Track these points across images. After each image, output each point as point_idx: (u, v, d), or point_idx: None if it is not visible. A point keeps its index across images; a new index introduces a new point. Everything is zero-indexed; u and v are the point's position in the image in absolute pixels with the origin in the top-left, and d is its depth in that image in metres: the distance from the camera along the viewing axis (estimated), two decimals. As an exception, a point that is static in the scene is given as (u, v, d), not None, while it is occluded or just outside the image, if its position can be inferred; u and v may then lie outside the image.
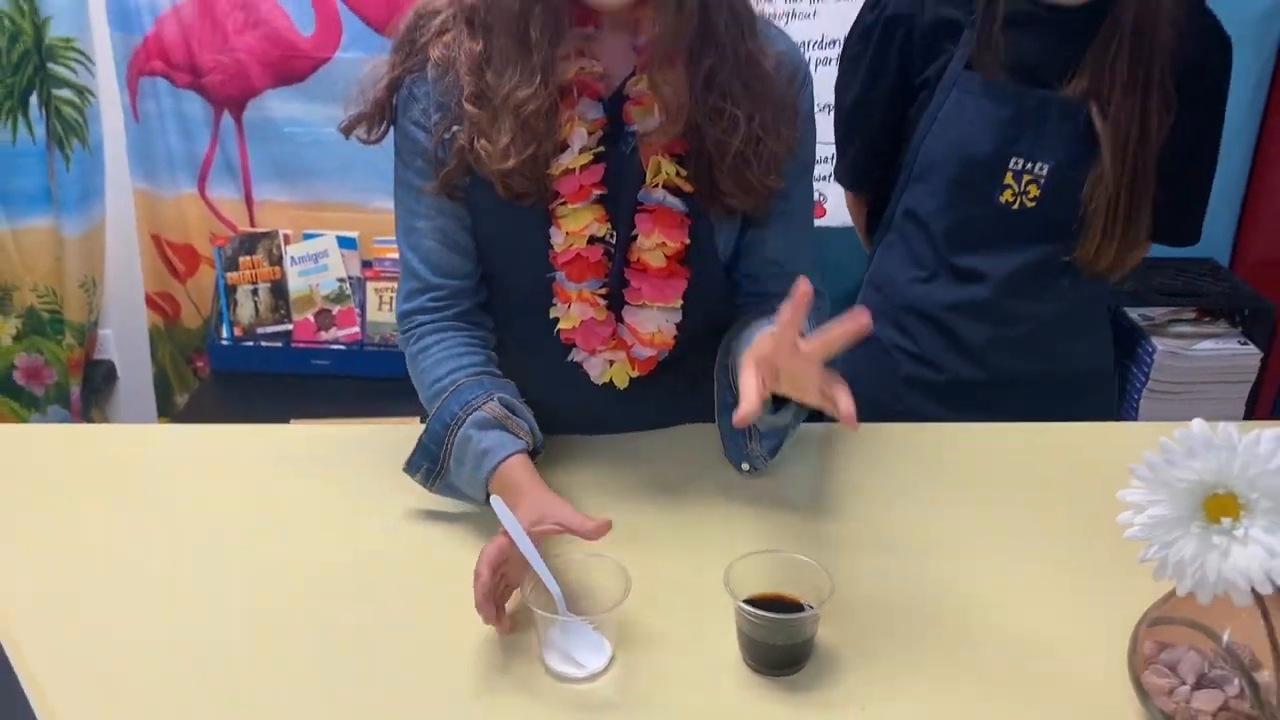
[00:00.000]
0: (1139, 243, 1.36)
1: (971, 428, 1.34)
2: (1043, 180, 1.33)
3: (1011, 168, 1.34)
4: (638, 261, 1.17)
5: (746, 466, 1.19)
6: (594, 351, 1.21)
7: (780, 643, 0.91)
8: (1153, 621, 0.88)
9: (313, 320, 2.51)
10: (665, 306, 1.18)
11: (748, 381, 0.95)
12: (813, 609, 0.91)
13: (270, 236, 2.51)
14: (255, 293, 2.51)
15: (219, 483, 1.23)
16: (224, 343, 2.52)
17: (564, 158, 1.11)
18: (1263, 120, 2.51)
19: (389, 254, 2.50)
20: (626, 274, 1.17)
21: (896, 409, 1.46)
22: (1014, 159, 1.33)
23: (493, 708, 0.90)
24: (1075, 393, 1.45)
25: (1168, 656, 0.88)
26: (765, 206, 1.17)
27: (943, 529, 1.13)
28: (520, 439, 1.10)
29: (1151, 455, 0.75)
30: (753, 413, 0.92)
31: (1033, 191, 1.34)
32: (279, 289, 2.51)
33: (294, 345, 2.51)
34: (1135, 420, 2.35)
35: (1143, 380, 2.40)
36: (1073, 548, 1.08)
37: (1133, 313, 2.50)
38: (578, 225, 1.13)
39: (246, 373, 2.50)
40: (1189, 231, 1.43)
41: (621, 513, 1.13)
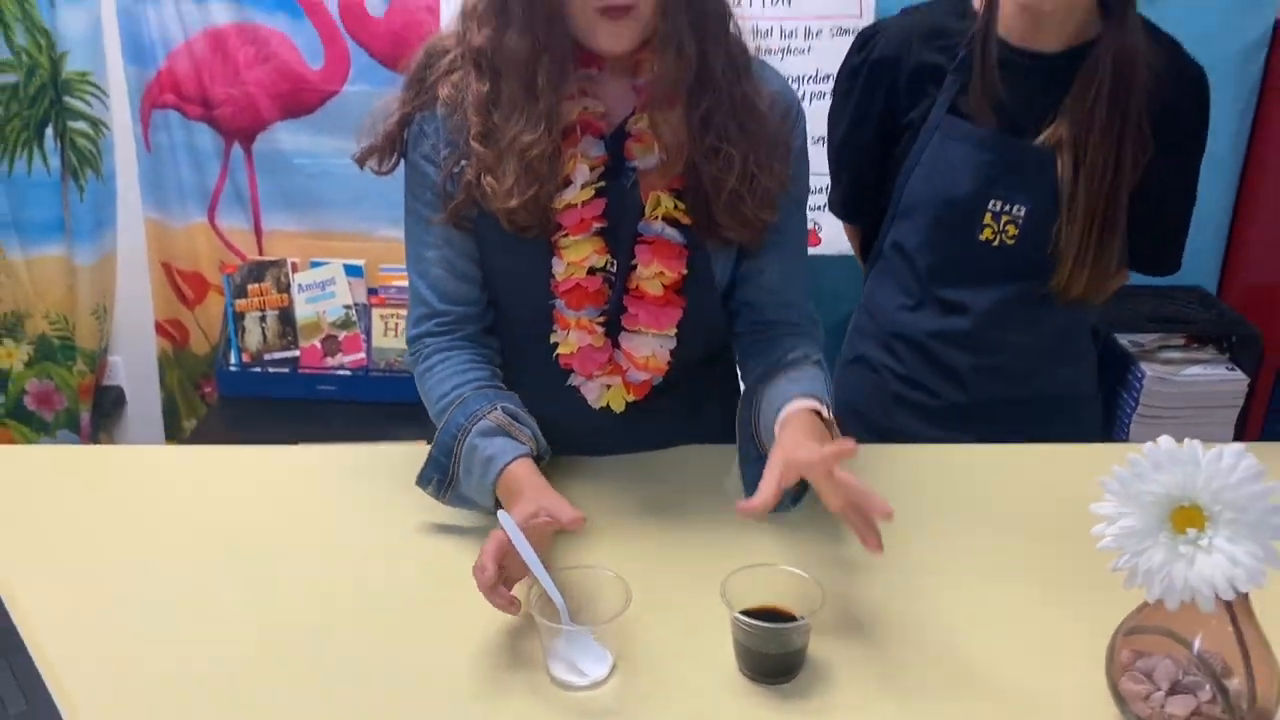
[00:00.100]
0: (1111, 272, 1.41)
1: (957, 449, 1.39)
2: (1020, 221, 1.38)
3: (990, 209, 1.39)
4: (636, 289, 1.21)
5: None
6: (591, 376, 1.26)
7: (774, 651, 0.95)
8: (1129, 631, 0.93)
9: (319, 346, 2.56)
10: (660, 333, 1.23)
11: (769, 483, 0.99)
12: (804, 619, 0.95)
13: (278, 265, 2.57)
14: (263, 320, 2.56)
15: (232, 500, 1.27)
16: (232, 369, 2.56)
17: (567, 193, 1.16)
18: (1247, 153, 2.57)
19: (395, 281, 2.55)
20: (625, 301, 1.22)
21: (887, 425, 1.52)
22: (993, 200, 1.39)
23: (499, 715, 0.94)
24: (1060, 415, 1.49)
25: (1144, 664, 0.92)
26: (760, 239, 1.22)
27: (930, 546, 1.18)
28: (523, 444, 1.15)
29: (1121, 470, 0.80)
30: (762, 510, 0.98)
31: (1011, 231, 1.39)
32: (286, 316, 2.56)
33: (300, 371, 2.56)
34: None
35: (1133, 405, 2.44)
36: (1053, 563, 1.12)
37: (1123, 339, 2.54)
38: (579, 256, 1.18)
39: (254, 398, 2.54)
40: (1169, 263, 1.48)
41: (621, 529, 1.19)
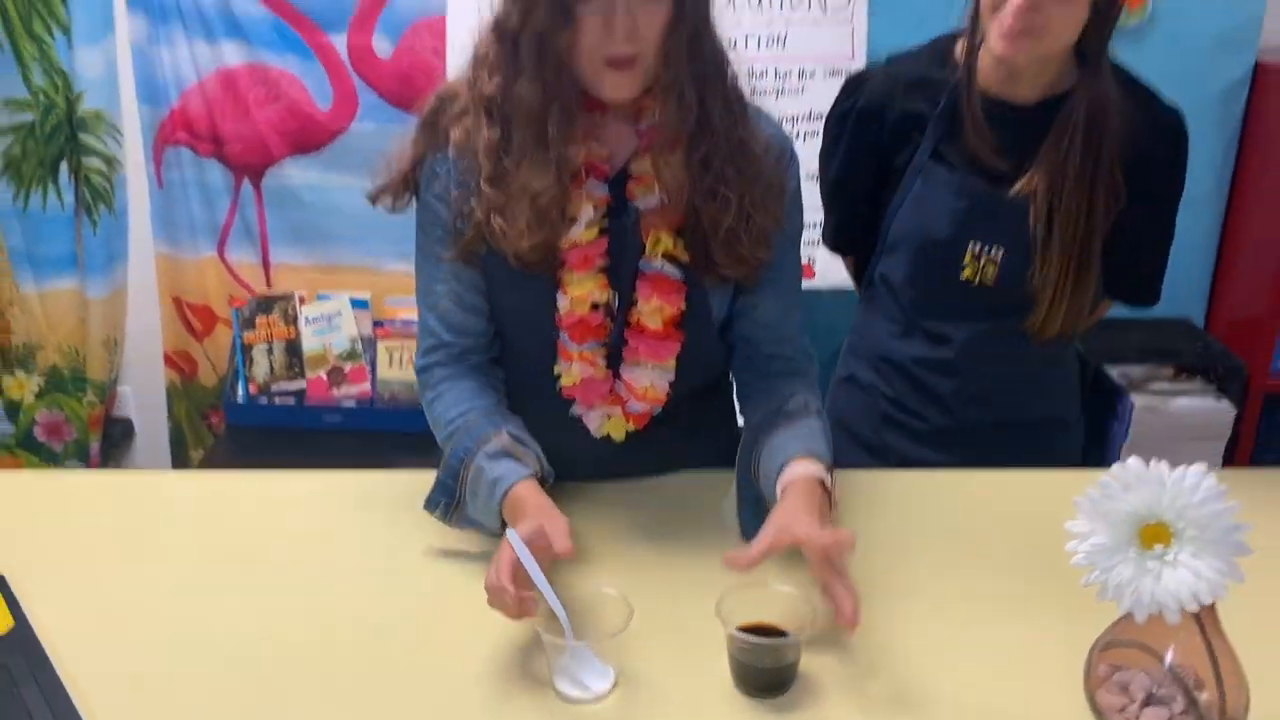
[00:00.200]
0: (1086, 314, 1.46)
1: (943, 474, 1.44)
2: (999, 262, 1.44)
3: (971, 250, 1.45)
4: (637, 324, 1.26)
5: None
6: (592, 406, 1.31)
7: (767, 666, 1.00)
8: (1105, 645, 0.97)
9: (325, 378, 2.61)
10: (659, 366, 1.28)
11: (761, 546, 1.04)
12: (795, 635, 1.00)
13: (286, 298, 2.62)
14: (270, 351, 2.62)
15: (241, 523, 1.32)
16: (239, 400, 2.61)
17: (572, 232, 1.21)
18: (1230, 190, 2.64)
19: (400, 314, 2.61)
20: (626, 335, 1.27)
21: (876, 443, 1.58)
22: (972, 242, 1.44)
23: (505, 727, 0.99)
24: (1043, 439, 1.55)
25: (1120, 678, 0.97)
26: (756, 276, 1.27)
27: (915, 567, 1.23)
28: (528, 466, 1.19)
29: (1092, 490, 0.85)
30: (748, 566, 1.03)
31: (990, 270, 1.45)
32: (293, 348, 2.61)
33: (306, 402, 2.60)
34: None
35: (1123, 435, 2.49)
36: (1037, 584, 1.17)
37: (1112, 371, 2.59)
38: (582, 291, 1.24)
39: (260, 428, 2.59)
40: (1148, 296, 1.54)
41: (621, 552, 1.24)
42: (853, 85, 1.53)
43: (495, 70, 1.16)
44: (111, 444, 2.81)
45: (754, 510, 1.25)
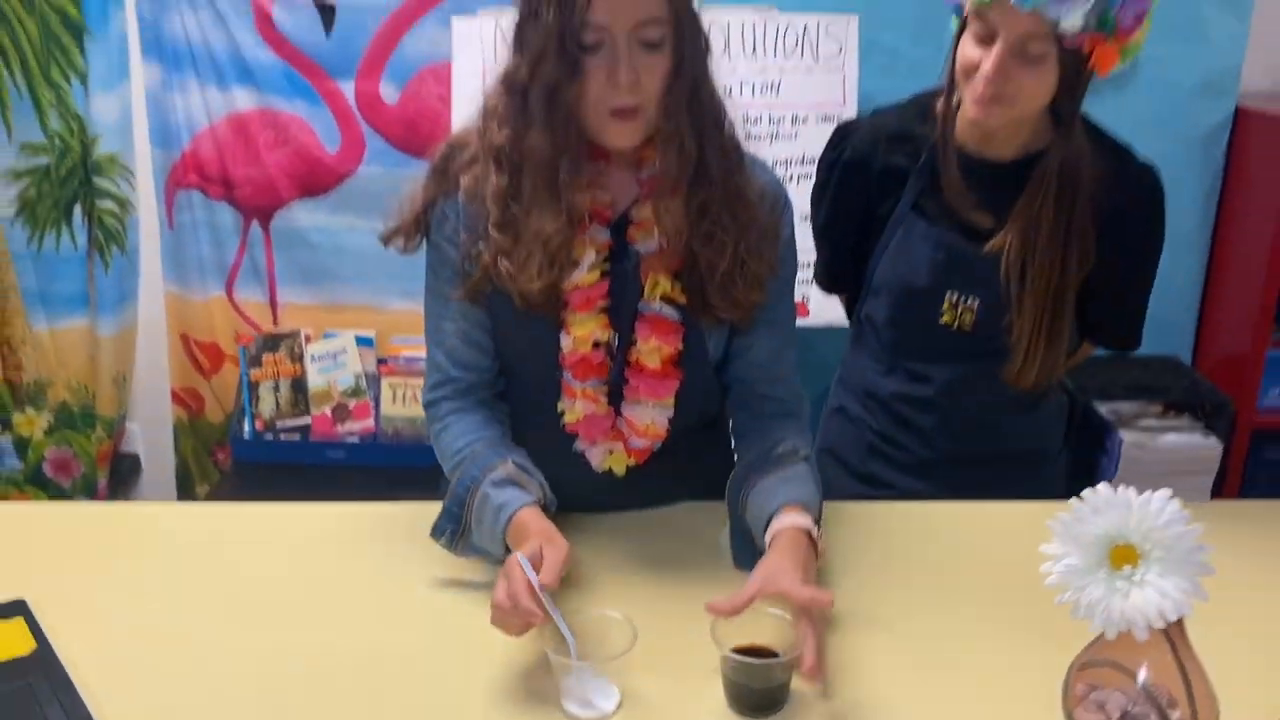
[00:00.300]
0: (1060, 366, 1.50)
1: (928, 506, 1.49)
2: (976, 311, 1.49)
3: (948, 298, 1.50)
4: (636, 363, 1.32)
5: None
6: (594, 442, 1.36)
7: (759, 686, 1.04)
8: (1082, 665, 1.02)
9: (330, 414, 2.66)
10: (659, 403, 1.33)
11: (744, 595, 1.09)
12: (786, 656, 1.05)
13: (292, 336, 2.68)
14: (276, 388, 2.67)
15: (250, 553, 1.37)
16: (245, 436, 2.66)
17: (575, 275, 1.27)
18: (1214, 231, 2.71)
19: (404, 352, 2.67)
20: (626, 374, 1.32)
21: (864, 472, 1.63)
22: (950, 292, 1.50)
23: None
24: (1025, 470, 1.60)
25: (1097, 696, 1.01)
26: (750, 318, 1.33)
27: (900, 593, 1.28)
28: (532, 493, 1.24)
29: (1064, 514, 0.90)
30: (730, 613, 1.07)
31: (968, 317, 1.50)
32: (299, 385, 2.67)
33: (311, 438, 2.65)
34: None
35: (1112, 471, 2.54)
36: (1020, 610, 1.21)
37: (1101, 407, 2.65)
38: (584, 331, 1.29)
39: (266, 464, 2.63)
40: (1129, 341, 1.60)
41: (623, 580, 1.28)
42: (839, 136, 1.59)
43: (504, 121, 1.22)
44: (119, 480, 2.86)
45: (742, 540, 1.31)
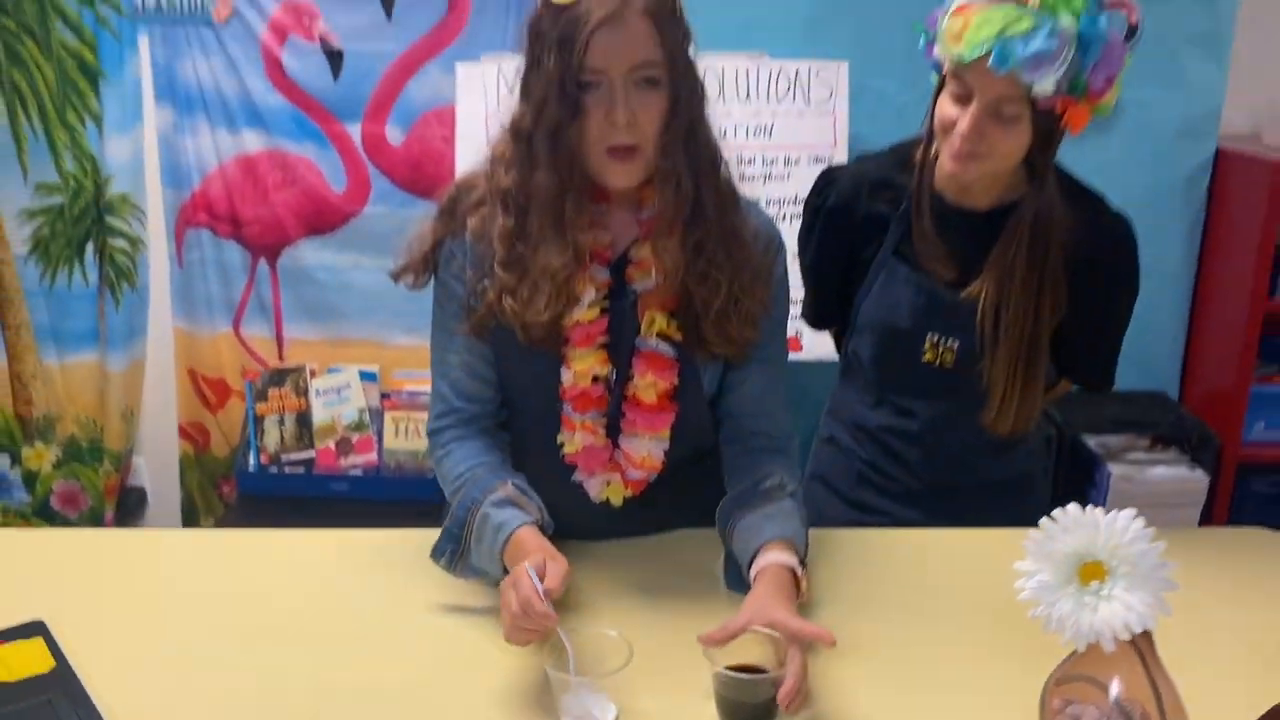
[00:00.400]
0: (1035, 410, 1.55)
1: (911, 532, 1.55)
2: (956, 351, 1.54)
3: (929, 339, 1.55)
4: (633, 397, 1.37)
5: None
6: (593, 472, 1.40)
7: (748, 700, 1.09)
8: (1058, 681, 1.06)
9: (333, 448, 2.71)
10: (655, 436, 1.38)
11: (734, 626, 1.14)
12: (774, 673, 1.09)
13: (297, 371, 2.74)
14: (282, 422, 2.72)
15: (259, 577, 1.41)
16: (251, 469, 2.71)
17: (576, 311, 1.32)
18: (1198, 268, 2.78)
19: (406, 386, 2.73)
20: (624, 407, 1.37)
21: (854, 499, 1.68)
22: (930, 333, 1.55)
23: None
24: (1009, 497, 1.64)
25: (1073, 710, 1.05)
26: (743, 354, 1.38)
27: (887, 613, 1.33)
28: (531, 515, 1.28)
29: (1035, 532, 0.96)
30: (722, 643, 1.12)
31: (949, 358, 1.55)
32: (304, 419, 2.72)
33: (315, 471, 2.70)
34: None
35: (1100, 503, 2.56)
36: (1004, 633, 1.25)
37: (1090, 441, 2.70)
38: (584, 366, 1.34)
39: (270, 496, 2.68)
40: (1102, 382, 1.65)
41: (620, 602, 1.33)
42: (823, 183, 1.65)
43: (511, 166, 1.29)
44: (125, 512, 2.90)
45: (734, 564, 1.36)
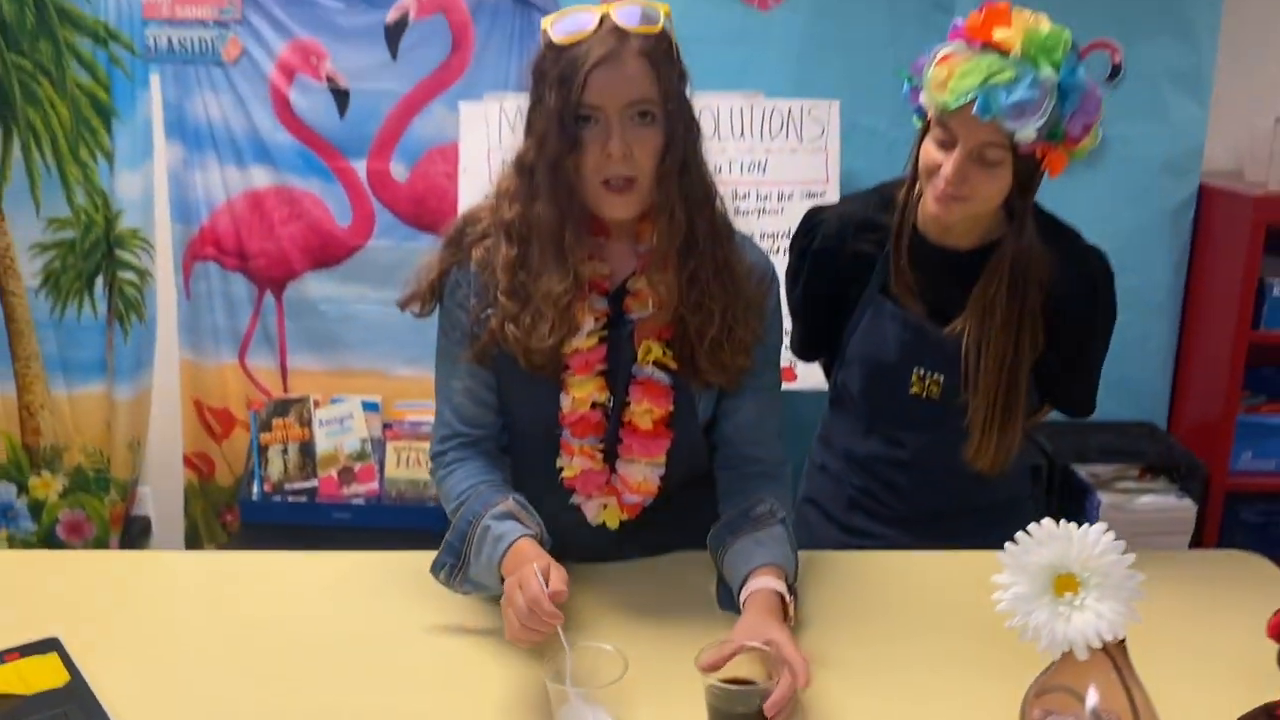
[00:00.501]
0: (1015, 446, 1.59)
1: (901, 555, 1.59)
2: (942, 384, 1.59)
3: (916, 373, 1.60)
4: (630, 423, 1.41)
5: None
6: (590, 496, 1.45)
7: (739, 712, 1.13)
8: (1038, 692, 1.10)
9: (336, 477, 2.76)
10: (651, 461, 1.43)
11: (727, 650, 1.17)
12: (763, 684, 1.13)
13: (301, 401, 2.79)
14: (285, 452, 2.77)
15: (264, 596, 1.46)
16: (254, 497, 2.75)
17: (575, 339, 1.37)
18: (1185, 301, 2.84)
19: (408, 416, 2.78)
20: (621, 433, 1.42)
21: (847, 523, 1.73)
22: (917, 367, 1.60)
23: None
24: (997, 519, 1.67)
25: (1052, 720, 1.10)
26: (737, 382, 1.43)
27: (877, 632, 1.37)
28: (531, 528, 1.32)
29: (1012, 545, 1.00)
30: (714, 668, 1.15)
31: (935, 390, 1.60)
32: (307, 448, 2.77)
33: (318, 500, 2.74)
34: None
35: (1091, 531, 2.63)
36: (984, 646, 1.29)
37: (1081, 470, 2.75)
38: (583, 393, 1.39)
39: (273, 525, 2.72)
40: (1083, 408, 1.70)
41: (616, 621, 1.38)
42: (809, 224, 1.70)
43: (515, 199, 1.34)
44: (130, 541, 2.94)
45: (727, 586, 1.40)
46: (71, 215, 2.75)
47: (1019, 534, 1.01)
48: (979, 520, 1.66)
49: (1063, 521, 0.99)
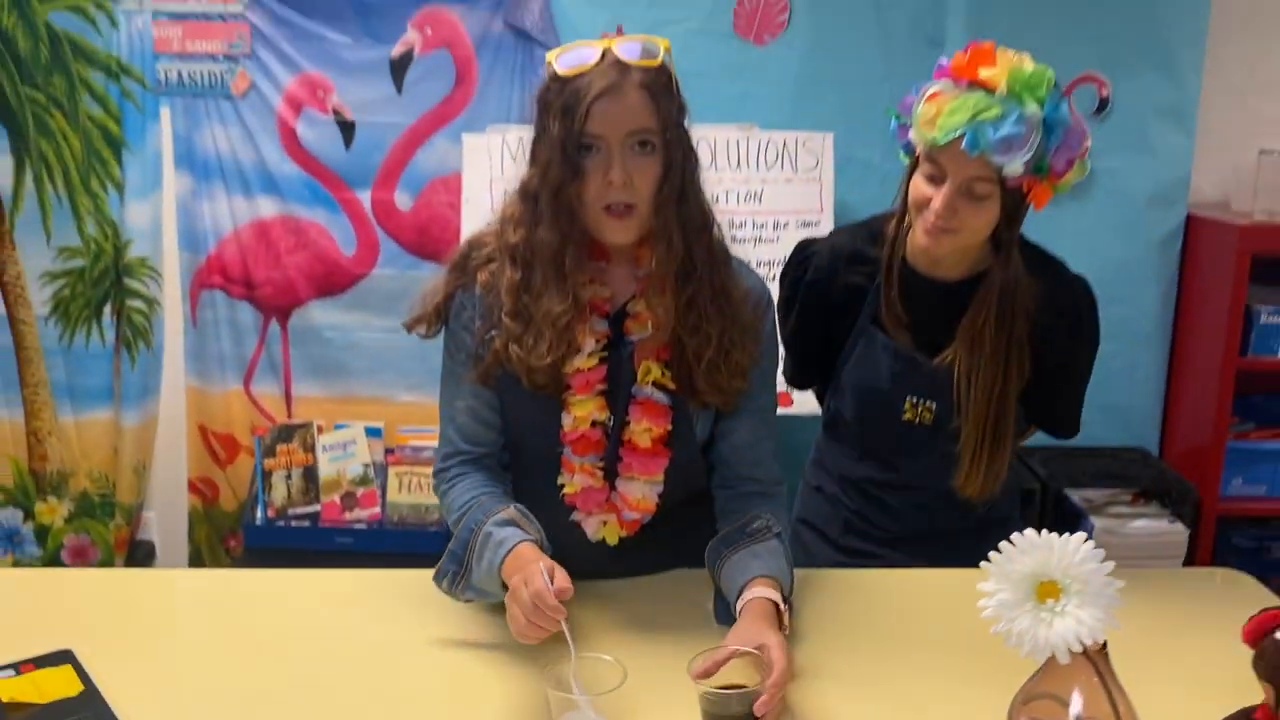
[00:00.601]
0: (1003, 473, 1.63)
1: (894, 572, 1.63)
2: (934, 411, 1.63)
3: (908, 400, 1.64)
4: (629, 442, 1.45)
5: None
6: (591, 513, 1.48)
7: (732, 713, 1.16)
8: (1025, 699, 1.14)
9: (339, 502, 2.79)
10: (650, 479, 1.46)
11: (720, 656, 1.22)
12: (753, 688, 1.16)
13: (305, 427, 2.83)
14: (289, 477, 2.80)
15: (270, 611, 1.49)
16: (258, 522, 2.78)
17: (577, 360, 1.41)
18: (1174, 329, 2.89)
19: (410, 442, 2.82)
20: (620, 451, 1.46)
21: (841, 543, 1.76)
22: (909, 396, 1.64)
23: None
24: (986, 537, 1.71)
25: (1038, 727, 1.13)
26: (733, 403, 1.47)
27: (871, 645, 1.40)
28: (532, 535, 1.36)
29: (996, 554, 1.05)
30: (708, 675, 1.19)
31: (927, 416, 1.64)
32: (310, 473, 2.80)
33: (321, 525, 2.78)
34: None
35: (1085, 556, 2.66)
36: (974, 658, 1.33)
37: (1074, 495, 2.79)
38: (584, 412, 1.43)
39: (277, 549, 2.75)
40: (1068, 429, 1.74)
41: (617, 636, 1.41)
42: (801, 256, 1.74)
43: (520, 224, 1.39)
44: (134, 566, 2.96)
45: (723, 601, 1.43)
46: (81, 244, 2.80)
47: (1003, 543, 1.05)
48: (972, 539, 1.69)
49: (1044, 531, 1.03)
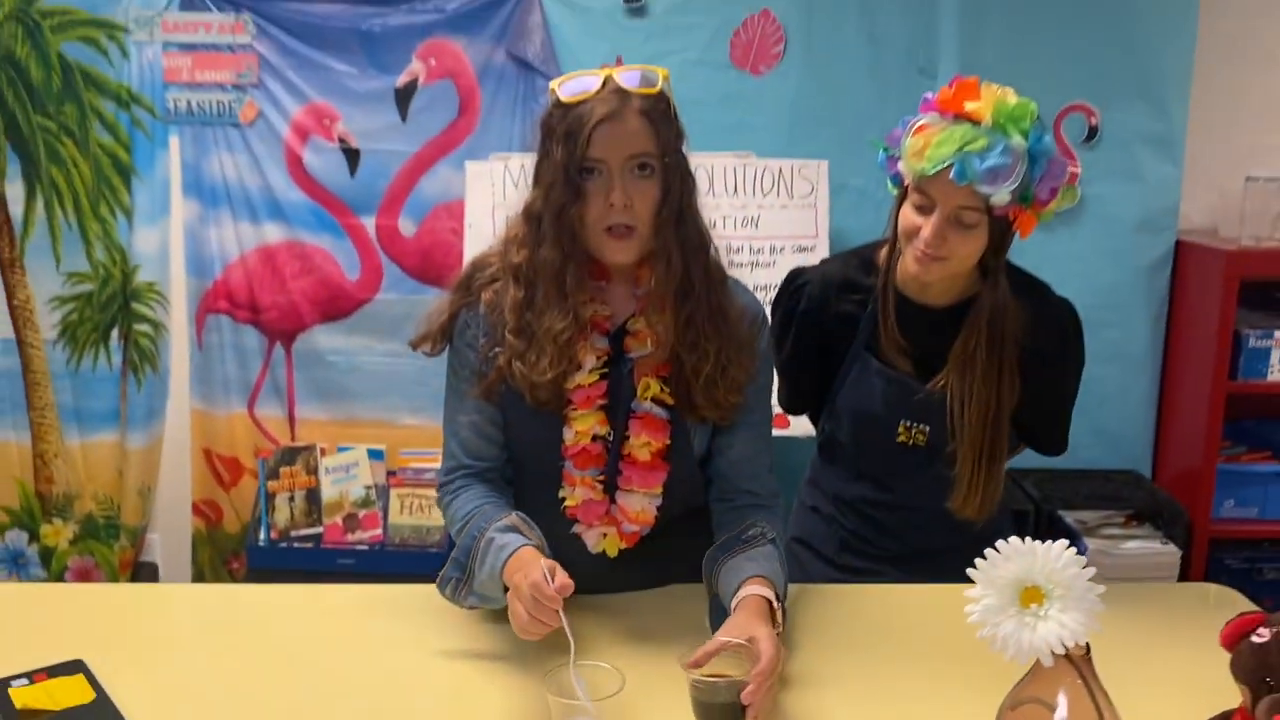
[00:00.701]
0: (997, 494, 1.67)
1: (889, 588, 1.66)
2: (928, 434, 1.67)
3: (902, 424, 1.68)
4: (629, 455, 1.49)
5: None
6: (591, 525, 1.51)
7: (720, 701, 1.20)
8: (1012, 704, 1.17)
9: (341, 523, 2.82)
10: (649, 492, 1.50)
11: (711, 646, 1.25)
12: (741, 678, 1.19)
13: (308, 449, 2.87)
14: (292, 499, 2.84)
15: (274, 625, 1.52)
16: (261, 544, 2.81)
17: (578, 376, 1.45)
18: (1165, 353, 2.94)
19: (412, 464, 2.85)
20: (620, 465, 1.50)
21: (838, 562, 1.79)
22: (903, 420, 1.68)
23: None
24: (981, 555, 1.75)
25: (1025, 731, 1.16)
26: (730, 418, 1.51)
27: (866, 658, 1.43)
28: (533, 540, 1.39)
29: (982, 561, 1.08)
30: (697, 666, 1.23)
31: (921, 439, 1.68)
32: (313, 495, 2.84)
33: (323, 546, 2.81)
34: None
35: (1079, 577, 2.69)
36: (966, 667, 1.35)
37: (1068, 517, 2.81)
38: (584, 426, 1.47)
39: (279, 570, 2.77)
40: (1057, 446, 1.78)
41: (616, 647, 1.44)
42: (793, 285, 1.77)
43: (523, 245, 1.44)
44: (137, 588, 2.99)
45: (719, 607, 1.46)
46: (90, 269, 2.85)
47: (988, 550, 1.08)
48: (966, 556, 1.73)
49: (1028, 538, 1.07)
